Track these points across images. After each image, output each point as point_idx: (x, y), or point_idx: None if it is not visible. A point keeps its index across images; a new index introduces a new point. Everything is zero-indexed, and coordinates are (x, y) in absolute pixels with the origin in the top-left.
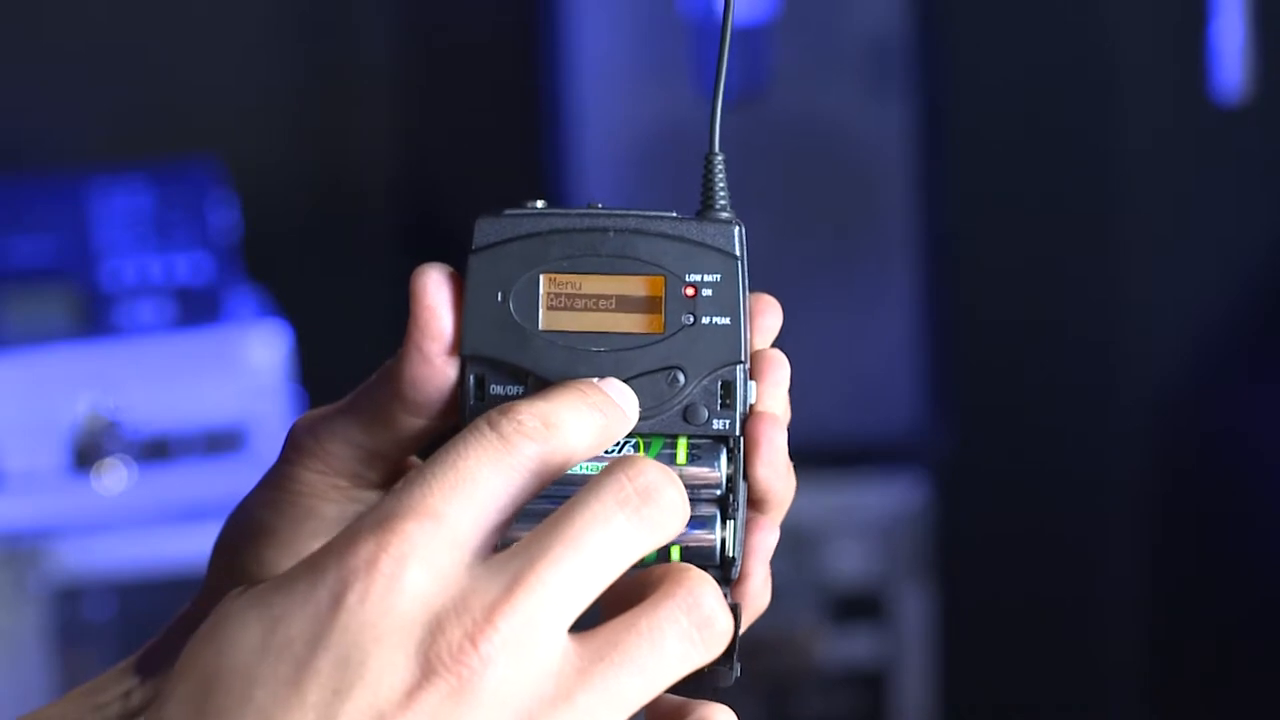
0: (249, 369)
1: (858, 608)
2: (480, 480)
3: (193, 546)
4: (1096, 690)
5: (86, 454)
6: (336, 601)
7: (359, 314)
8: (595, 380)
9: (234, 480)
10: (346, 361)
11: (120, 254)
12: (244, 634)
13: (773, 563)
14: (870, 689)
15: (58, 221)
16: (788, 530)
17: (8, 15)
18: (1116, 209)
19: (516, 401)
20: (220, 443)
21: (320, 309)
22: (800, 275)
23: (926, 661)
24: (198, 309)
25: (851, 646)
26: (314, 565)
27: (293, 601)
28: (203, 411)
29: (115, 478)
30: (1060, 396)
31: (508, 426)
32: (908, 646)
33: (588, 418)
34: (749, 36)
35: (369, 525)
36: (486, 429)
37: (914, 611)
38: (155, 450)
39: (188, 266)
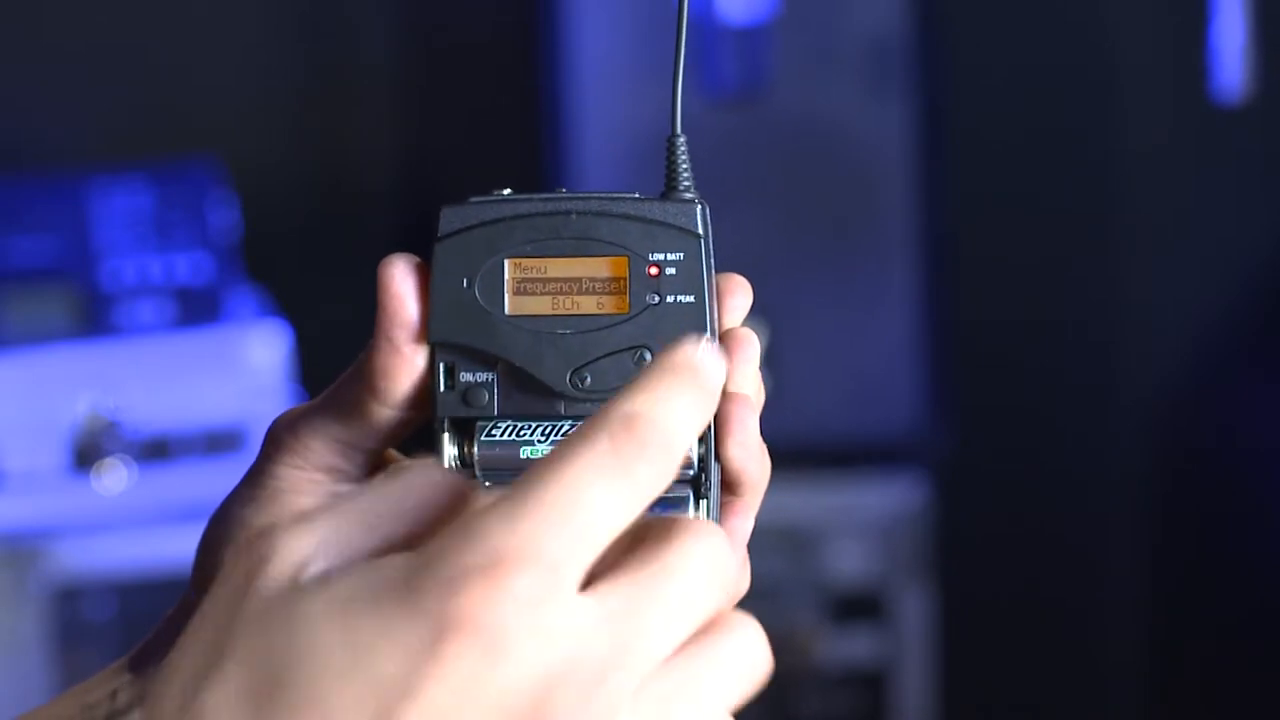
0: (249, 369)
1: (858, 608)
2: (598, 515)
3: (192, 546)
4: (1096, 690)
5: (86, 454)
6: (435, 650)
7: (359, 314)
8: (693, 347)
9: (234, 480)
10: (346, 361)
11: (120, 254)
12: (327, 652)
13: (773, 563)
14: (870, 689)
15: (58, 221)
16: (788, 530)
17: (8, 15)
18: (1116, 209)
19: (637, 408)
20: (220, 443)
21: (320, 309)
22: (800, 275)
23: (926, 661)
24: (198, 309)
25: (851, 646)
26: (411, 595)
27: (386, 633)
28: (203, 411)
29: (115, 478)
30: (1060, 396)
31: (630, 449)
32: (908, 646)
33: (699, 418)
34: (749, 36)
35: (475, 565)
36: (606, 444)
37: (914, 611)
38: (155, 450)
39: (188, 266)
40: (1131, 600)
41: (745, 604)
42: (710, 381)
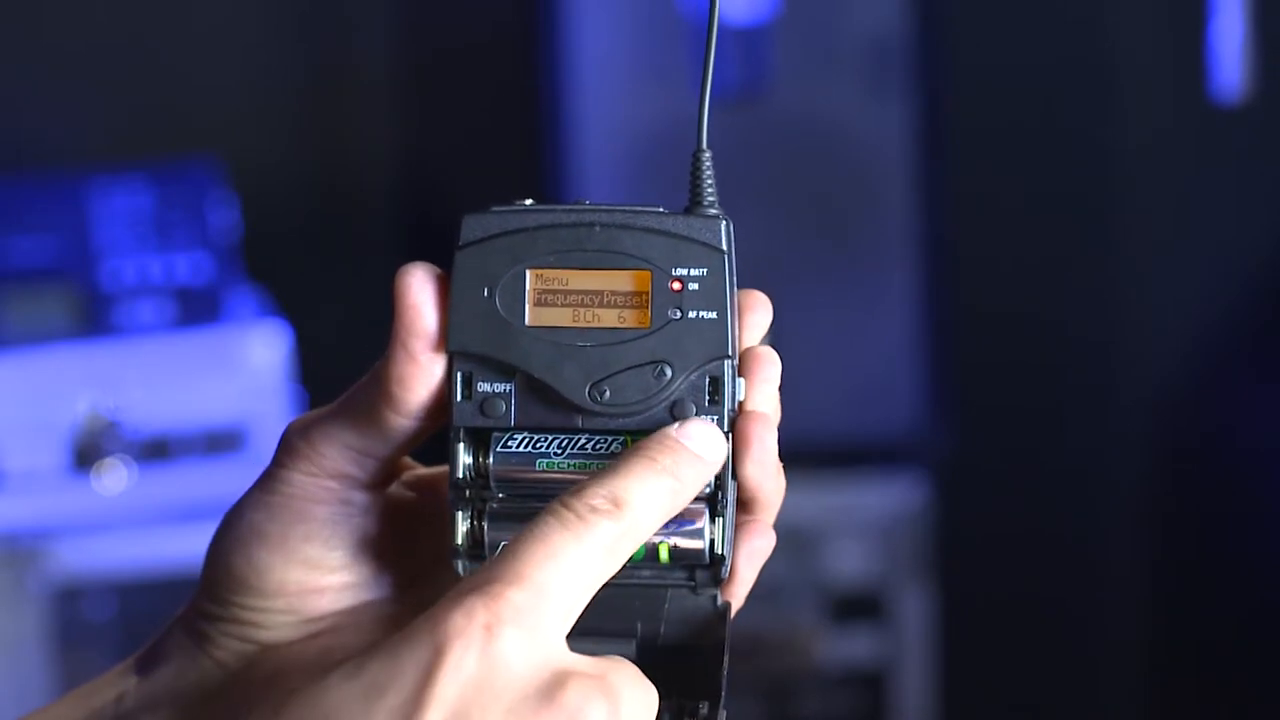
0: (249, 369)
1: (858, 608)
2: (568, 554)
3: (193, 546)
4: (1096, 690)
5: (86, 454)
6: (439, 661)
7: (359, 314)
8: (674, 428)
9: (234, 480)
10: (346, 361)
11: (120, 254)
12: (345, 705)
13: (773, 563)
14: (870, 689)
15: (58, 221)
16: (787, 530)
17: (8, 15)
18: (1116, 209)
19: (587, 481)
20: (220, 443)
21: (320, 309)
22: (800, 275)
23: (926, 661)
24: (198, 309)
25: (851, 646)
26: (411, 629)
27: (391, 667)
28: (203, 411)
29: (115, 478)
30: (1060, 396)
31: (582, 507)
32: (908, 646)
33: (657, 486)
34: (749, 36)
35: (470, 587)
36: (563, 510)
37: (914, 611)
38: (155, 450)
39: (188, 266)
40: (1131, 600)
41: (747, 604)
42: (668, 452)
